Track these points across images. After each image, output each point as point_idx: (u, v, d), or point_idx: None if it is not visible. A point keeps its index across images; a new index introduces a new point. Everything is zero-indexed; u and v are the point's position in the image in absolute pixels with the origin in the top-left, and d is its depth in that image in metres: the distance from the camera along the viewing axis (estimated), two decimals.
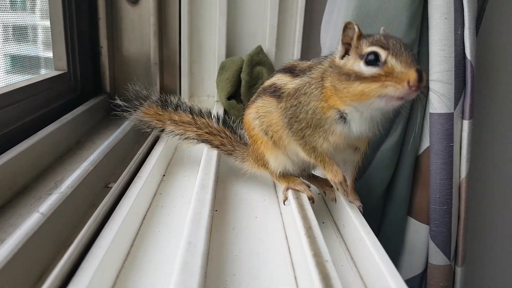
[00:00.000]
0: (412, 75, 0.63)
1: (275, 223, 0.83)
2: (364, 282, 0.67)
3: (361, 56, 0.69)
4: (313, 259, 0.58)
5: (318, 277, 0.54)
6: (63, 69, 1.37)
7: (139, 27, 1.52)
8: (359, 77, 0.68)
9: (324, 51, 1.38)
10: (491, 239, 1.73)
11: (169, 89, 1.60)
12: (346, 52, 0.74)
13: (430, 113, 1.18)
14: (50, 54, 1.40)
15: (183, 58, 1.54)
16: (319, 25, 1.47)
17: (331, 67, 0.76)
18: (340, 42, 0.75)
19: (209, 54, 1.57)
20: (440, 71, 1.12)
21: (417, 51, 1.16)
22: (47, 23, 1.36)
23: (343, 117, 0.75)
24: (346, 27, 0.73)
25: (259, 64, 1.47)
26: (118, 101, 1.12)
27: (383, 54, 0.67)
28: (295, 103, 0.80)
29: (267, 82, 0.92)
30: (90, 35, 1.47)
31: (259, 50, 1.49)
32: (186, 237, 0.60)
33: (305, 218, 0.70)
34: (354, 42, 0.72)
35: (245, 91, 1.46)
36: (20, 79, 1.23)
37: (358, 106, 0.72)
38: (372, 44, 0.69)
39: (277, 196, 0.96)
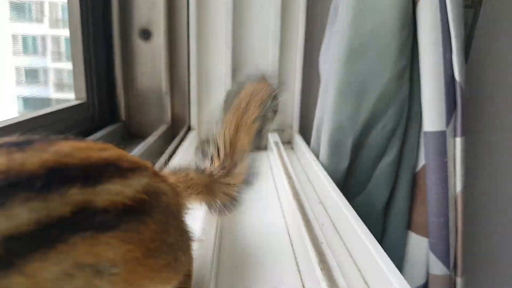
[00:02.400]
0: None
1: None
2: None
3: None
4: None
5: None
6: (82, 99, 1.47)
7: (151, 61, 1.64)
8: None
9: (323, 79, 1.48)
10: (490, 249, 1.78)
11: (179, 117, 1.70)
12: None
13: (424, 131, 1.27)
14: (60, 95, 1.48)
15: (192, 88, 1.65)
16: (317, 55, 1.59)
17: None
18: None
19: (216, 84, 1.68)
20: (430, 92, 1.21)
21: (409, 75, 1.26)
22: (59, 65, 1.46)
23: None
24: None
25: None
26: None
27: None
28: None
29: None
30: (106, 68, 1.58)
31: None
32: None
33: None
34: None
35: None
36: None
37: None
38: None
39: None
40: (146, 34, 1.62)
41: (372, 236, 0.76)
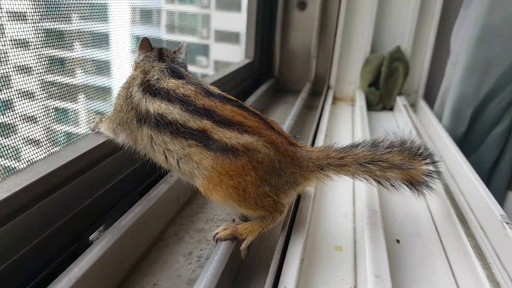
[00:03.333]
0: None
1: None
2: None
3: None
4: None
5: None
6: (251, 58, 1.91)
7: (303, 28, 2.00)
8: None
9: (452, 55, 1.73)
10: None
11: (320, 76, 2.07)
12: None
13: None
14: (171, 37, 1.56)
15: (335, 53, 1.99)
16: (449, 32, 1.82)
17: None
18: None
19: (355, 51, 2.00)
20: None
21: None
22: (171, 7, 1.63)
23: None
24: None
25: (397, 60, 1.87)
26: None
27: None
28: None
29: None
30: (268, 33, 1.99)
31: (398, 49, 1.88)
32: None
33: None
34: None
35: (383, 81, 1.88)
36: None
37: None
38: None
39: None
40: (302, 5, 1.98)
41: (479, 178, 1.09)
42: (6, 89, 0.79)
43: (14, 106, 0.82)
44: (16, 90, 0.81)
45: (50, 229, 0.73)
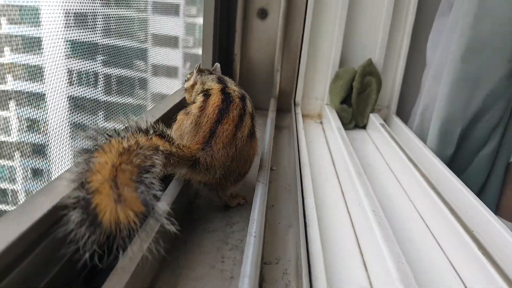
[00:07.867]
0: None
1: None
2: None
3: None
4: None
5: None
6: None
7: (265, 39, 1.80)
8: None
9: (431, 67, 1.59)
10: None
11: (285, 92, 1.88)
12: None
13: None
14: (108, 42, 1.55)
15: (301, 66, 1.80)
16: (423, 42, 1.69)
17: None
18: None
19: (323, 64, 1.83)
20: None
21: None
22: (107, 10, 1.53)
23: None
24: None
25: (369, 74, 1.71)
26: None
27: None
28: None
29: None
30: (227, 45, 1.77)
31: (370, 62, 1.73)
32: None
33: None
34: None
35: (355, 97, 1.72)
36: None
37: None
38: None
39: None
40: (263, 14, 1.78)
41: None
42: None
43: None
44: None
45: None
